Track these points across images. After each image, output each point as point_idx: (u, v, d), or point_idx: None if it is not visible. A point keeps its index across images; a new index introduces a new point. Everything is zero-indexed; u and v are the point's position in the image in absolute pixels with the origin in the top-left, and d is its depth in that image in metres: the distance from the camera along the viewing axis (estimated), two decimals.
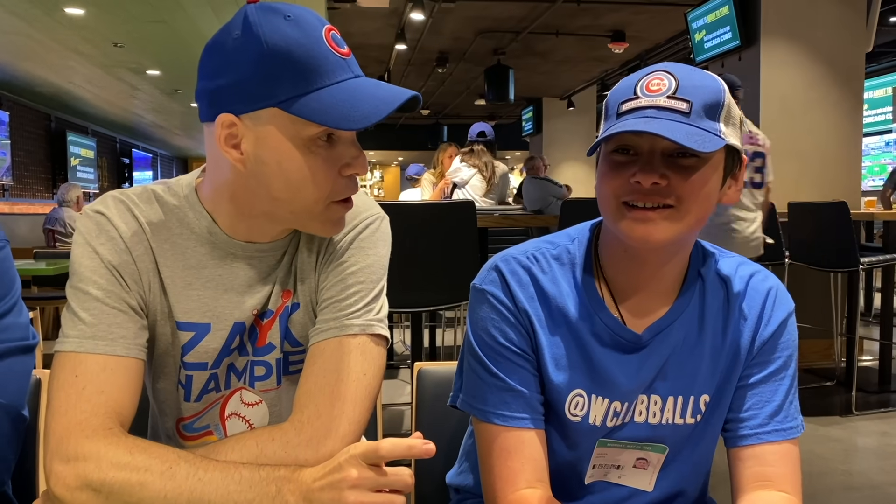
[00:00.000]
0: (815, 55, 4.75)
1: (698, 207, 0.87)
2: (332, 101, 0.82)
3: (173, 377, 0.98)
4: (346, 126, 0.83)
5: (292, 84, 0.82)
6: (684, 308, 0.97)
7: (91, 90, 9.68)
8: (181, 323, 0.94)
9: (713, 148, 0.83)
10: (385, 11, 6.96)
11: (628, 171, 0.86)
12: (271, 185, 0.87)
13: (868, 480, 2.82)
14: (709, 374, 0.97)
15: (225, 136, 0.85)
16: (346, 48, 0.87)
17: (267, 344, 0.97)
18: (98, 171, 12.24)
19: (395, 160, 21.73)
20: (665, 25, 7.73)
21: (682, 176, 0.85)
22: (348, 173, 0.88)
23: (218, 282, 0.94)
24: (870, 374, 4.37)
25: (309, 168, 0.85)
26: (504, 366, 0.96)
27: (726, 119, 0.87)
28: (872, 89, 9.91)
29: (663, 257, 0.94)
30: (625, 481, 1.00)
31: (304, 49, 0.82)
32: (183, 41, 6.95)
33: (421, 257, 2.69)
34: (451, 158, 4.91)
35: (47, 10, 6.02)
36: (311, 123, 0.83)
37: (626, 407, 0.96)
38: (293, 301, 0.98)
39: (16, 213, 8.41)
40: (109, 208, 0.92)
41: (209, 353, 0.95)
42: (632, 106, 0.87)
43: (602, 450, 0.98)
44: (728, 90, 0.89)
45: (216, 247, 0.94)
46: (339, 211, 0.91)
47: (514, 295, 0.96)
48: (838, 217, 3.62)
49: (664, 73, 0.87)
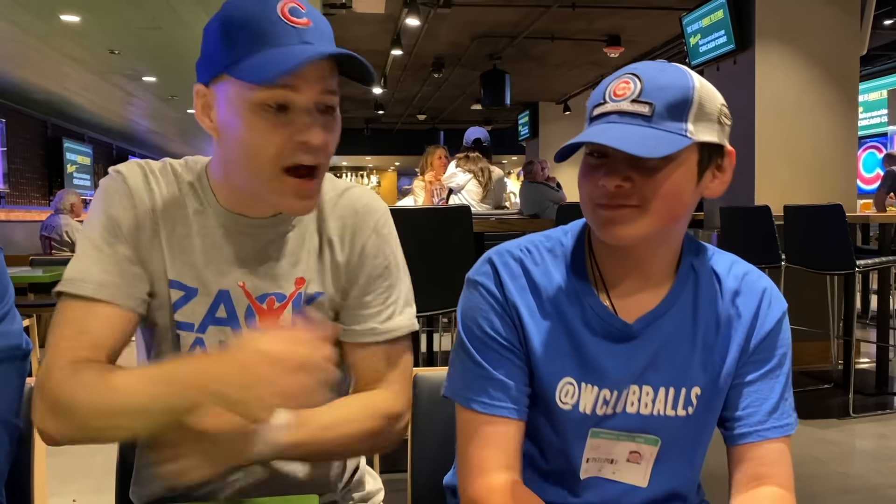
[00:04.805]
0: (810, 58, 4.77)
1: (665, 205, 0.89)
2: (264, 62, 0.86)
3: (168, 335, 1.03)
4: (260, 79, 0.86)
5: (237, 49, 0.89)
6: (676, 300, 0.98)
7: (87, 97, 9.68)
8: (174, 282, 1.00)
9: (668, 151, 0.85)
10: (381, 17, 6.97)
11: (598, 174, 0.89)
12: (229, 150, 0.94)
13: (865, 483, 2.83)
14: (701, 367, 0.98)
15: (201, 106, 0.94)
16: (304, 19, 0.90)
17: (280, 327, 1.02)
18: (94, 177, 12.23)
19: (392, 165, 21.75)
20: (660, 29, 7.75)
21: (646, 177, 0.87)
22: (300, 139, 0.90)
23: (209, 250, 1.00)
24: (867, 377, 4.37)
25: (256, 130, 0.90)
26: (489, 356, 0.97)
27: (697, 116, 0.88)
28: (867, 92, 9.96)
29: (647, 250, 0.96)
30: (619, 477, 1.00)
31: (253, 16, 0.88)
32: (178, 48, 6.95)
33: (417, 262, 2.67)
34: (441, 160, 4.91)
35: (43, 17, 6.02)
36: (256, 87, 0.87)
37: (616, 396, 0.97)
38: (315, 290, 1.04)
39: (12, 221, 8.39)
40: (129, 168, 1.01)
41: (196, 315, 1.01)
42: (600, 111, 0.90)
43: (595, 441, 0.99)
44: (695, 87, 0.88)
45: (211, 217, 1.01)
46: (295, 184, 0.92)
47: (504, 287, 0.98)
48: (834, 219, 3.62)
49: (631, 76, 0.89)
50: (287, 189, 0.92)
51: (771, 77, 4.74)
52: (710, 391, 0.99)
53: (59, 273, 4.42)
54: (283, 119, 0.89)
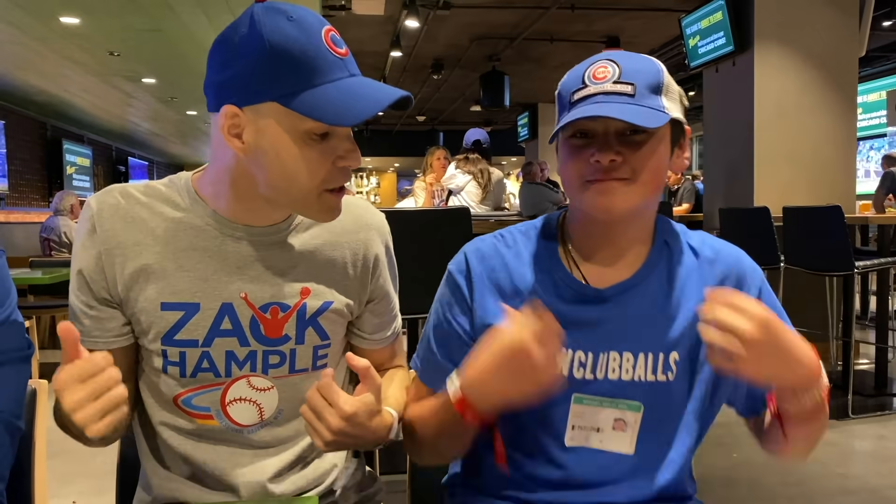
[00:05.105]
0: (809, 59, 4.77)
1: (652, 177, 0.96)
2: (327, 99, 0.89)
3: (154, 357, 1.02)
4: (338, 122, 0.90)
5: (291, 81, 0.89)
6: (652, 270, 1.03)
7: (87, 98, 9.68)
8: (172, 304, 0.99)
9: (659, 123, 0.92)
10: (380, 19, 6.98)
11: (587, 153, 0.96)
12: (269, 173, 0.93)
13: (865, 484, 2.83)
14: (679, 334, 1.01)
15: (228, 126, 0.92)
16: (344, 48, 0.93)
17: (283, 335, 1.04)
18: (94, 179, 12.24)
19: (392, 166, 21.76)
20: (659, 31, 7.76)
21: (634, 151, 0.95)
22: (342, 165, 0.95)
23: (208, 263, 1.00)
24: (866, 378, 4.37)
25: (304, 159, 0.92)
26: (447, 348, 1.06)
27: (667, 95, 0.97)
28: (867, 93, 9.96)
29: (624, 224, 1.01)
30: (606, 446, 1.02)
31: (304, 48, 0.89)
32: (178, 49, 6.96)
33: (417, 263, 2.68)
34: (440, 161, 4.91)
35: (43, 19, 6.03)
36: (307, 118, 0.89)
37: (593, 359, 1.00)
38: (323, 301, 1.05)
39: (11, 222, 8.39)
40: (102, 201, 1.00)
41: (199, 331, 1.00)
42: (583, 94, 0.96)
43: (579, 408, 1.01)
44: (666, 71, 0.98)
45: (207, 229, 1.01)
46: (332, 200, 0.97)
47: (472, 276, 1.05)
48: (833, 221, 3.62)
49: (607, 61, 0.97)
50: (324, 206, 0.97)
51: (770, 78, 4.74)
52: (689, 358, 1.01)
53: (58, 275, 4.42)
54: (328, 146, 0.93)
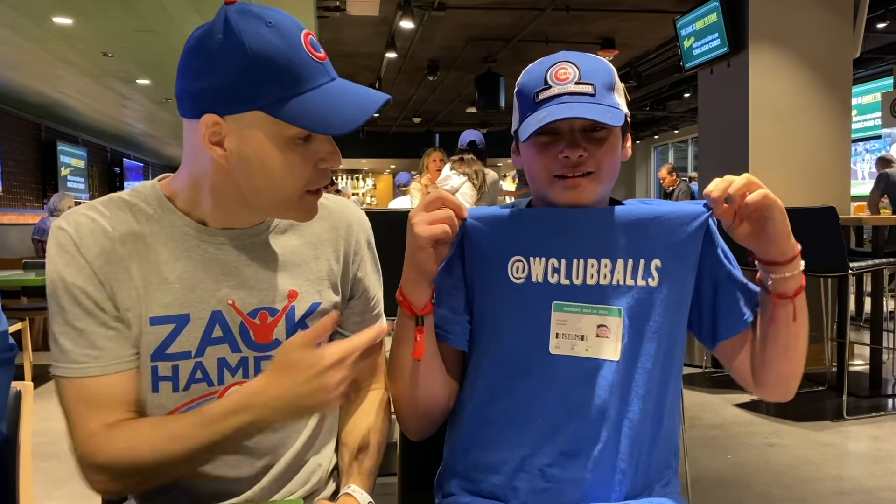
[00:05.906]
0: (803, 61, 4.78)
1: (611, 168, 1.06)
2: (314, 106, 0.89)
3: (149, 377, 0.98)
4: (328, 131, 0.90)
5: (276, 90, 0.88)
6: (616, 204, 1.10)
7: (81, 100, 9.66)
8: (161, 317, 0.96)
9: (621, 121, 1.02)
10: (375, 20, 6.98)
11: (555, 149, 1.04)
12: (253, 178, 0.93)
13: (859, 485, 2.82)
14: (661, 243, 1.05)
15: (209, 135, 0.90)
16: (322, 52, 0.93)
17: (274, 340, 1.02)
18: (89, 180, 12.21)
19: (388, 168, 21.74)
20: (654, 33, 7.77)
21: (597, 146, 1.04)
22: (323, 167, 0.95)
23: (192, 272, 0.98)
24: (861, 379, 4.37)
25: (287, 164, 0.92)
26: (442, 296, 1.11)
27: (618, 92, 1.06)
28: (861, 95, 9.99)
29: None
30: (592, 353, 1.04)
31: (287, 56, 0.87)
32: (172, 50, 6.95)
33: None
34: (436, 163, 4.91)
35: (35, 19, 6.01)
36: (292, 125, 0.88)
37: (566, 265, 1.04)
38: (311, 302, 1.05)
39: (5, 224, 8.36)
40: (72, 221, 0.95)
41: (191, 342, 0.98)
42: (548, 94, 1.04)
43: (560, 315, 1.04)
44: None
45: (187, 238, 0.98)
46: (312, 201, 0.98)
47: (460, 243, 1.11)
48: (827, 222, 3.63)
49: (567, 63, 1.05)
50: (304, 207, 0.98)
51: (764, 80, 4.75)
52: (672, 267, 1.05)
53: None
54: (310, 150, 0.93)
